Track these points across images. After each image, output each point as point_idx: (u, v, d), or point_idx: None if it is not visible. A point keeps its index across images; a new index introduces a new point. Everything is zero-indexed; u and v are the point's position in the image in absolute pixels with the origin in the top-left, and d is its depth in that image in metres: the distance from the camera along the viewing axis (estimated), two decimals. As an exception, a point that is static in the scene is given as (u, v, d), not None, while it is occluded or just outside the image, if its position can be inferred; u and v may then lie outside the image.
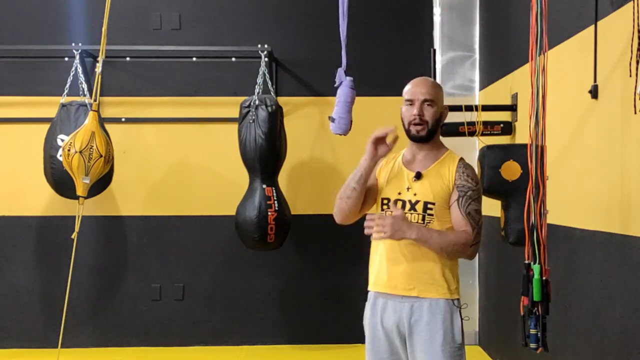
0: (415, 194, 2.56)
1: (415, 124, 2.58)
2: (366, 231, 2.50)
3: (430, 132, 2.61)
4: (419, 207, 2.55)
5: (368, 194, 2.67)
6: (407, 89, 2.64)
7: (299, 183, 5.69)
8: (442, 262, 2.55)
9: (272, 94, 5.37)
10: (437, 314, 2.52)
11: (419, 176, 2.58)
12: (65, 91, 5.27)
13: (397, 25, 5.70)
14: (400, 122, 2.66)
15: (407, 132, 2.63)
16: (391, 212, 2.55)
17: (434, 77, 4.85)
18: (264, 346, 5.62)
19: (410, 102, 2.61)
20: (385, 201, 2.63)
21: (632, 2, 2.66)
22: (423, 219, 2.55)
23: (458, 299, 2.59)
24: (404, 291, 2.54)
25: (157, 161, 5.64)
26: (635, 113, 2.51)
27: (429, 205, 2.55)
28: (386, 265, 2.58)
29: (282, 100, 5.44)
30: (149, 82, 5.66)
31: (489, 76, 5.21)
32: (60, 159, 4.78)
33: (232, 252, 5.58)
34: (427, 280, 2.53)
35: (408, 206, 2.57)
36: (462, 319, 2.57)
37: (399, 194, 2.60)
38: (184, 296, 5.64)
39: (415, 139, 2.62)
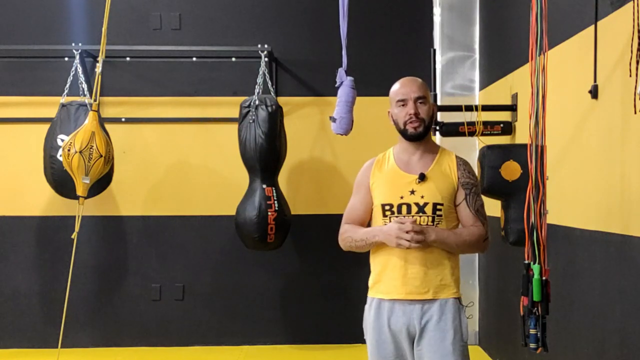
0: (422, 196, 2.55)
1: (411, 122, 2.58)
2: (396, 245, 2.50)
3: (426, 130, 2.62)
4: (429, 209, 2.55)
5: (367, 210, 2.70)
6: (396, 89, 2.64)
7: (299, 183, 5.69)
8: (451, 264, 2.58)
9: (272, 94, 5.37)
10: (446, 312, 2.55)
11: (422, 177, 2.58)
12: (65, 91, 5.27)
13: (397, 25, 5.70)
14: (390, 124, 2.68)
15: (403, 132, 2.62)
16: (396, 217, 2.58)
17: (434, 77, 4.84)
18: (264, 346, 5.62)
19: (403, 102, 2.61)
20: (388, 207, 2.60)
21: (632, 2, 2.66)
22: (433, 221, 2.55)
23: (461, 298, 2.62)
24: (418, 295, 2.55)
25: (157, 161, 5.64)
26: (635, 113, 2.51)
27: (438, 206, 2.55)
28: (399, 273, 2.57)
29: (282, 100, 5.44)
30: (149, 82, 5.66)
31: (489, 76, 5.21)
32: (60, 159, 4.78)
33: (232, 252, 5.58)
34: (439, 282, 2.56)
35: (415, 209, 2.56)
36: (466, 317, 2.61)
37: (402, 197, 2.58)
38: (184, 296, 5.64)
39: (412, 137, 2.61)
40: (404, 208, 2.56)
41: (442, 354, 2.52)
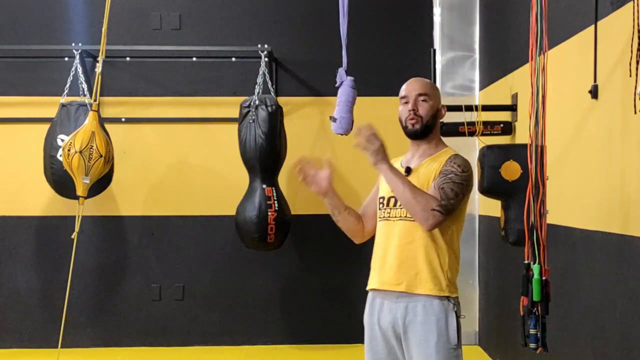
0: None
1: (410, 119, 2.60)
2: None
3: (426, 127, 2.61)
4: None
5: (372, 209, 2.72)
6: (402, 88, 2.68)
7: (299, 183, 5.64)
8: (430, 258, 2.52)
9: (272, 94, 5.37)
10: (431, 314, 2.50)
11: (408, 171, 2.60)
12: (65, 91, 5.27)
13: (397, 25, 5.70)
14: (392, 122, 2.70)
15: (405, 129, 2.64)
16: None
17: (434, 77, 4.85)
18: (264, 346, 5.62)
19: (405, 99, 2.64)
20: (381, 199, 2.66)
21: (632, 2, 2.66)
22: None
23: (454, 297, 2.55)
24: (392, 286, 2.54)
25: (157, 161, 5.64)
26: (635, 113, 2.51)
27: None
28: (379, 263, 2.60)
29: (282, 100, 5.44)
30: (149, 82, 5.66)
31: (489, 76, 5.21)
32: (60, 159, 4.78)
33: (232, 252, 5.58)
34: (414, 275, 2.51)
35: (398, 202, 2.57)
36: (458, 318, 2.53)
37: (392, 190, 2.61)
38: (184, 296, 5.64)
39: (411, 134, 2.62)
40: (392, 201, 2.60)
41: (425, 355, 2.48)
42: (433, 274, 2.51)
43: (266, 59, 5.37)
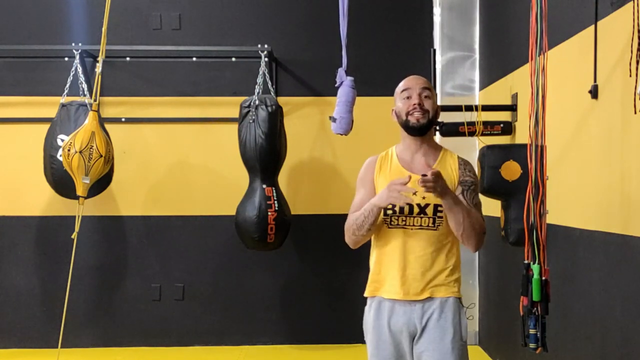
0: (424, 197, 2.52)
1: (415, 112, 2.55)
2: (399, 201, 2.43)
3: (430, 123, 2.59)
4: (429, 211, 2.54)
5: None
6: (402, 83, 2.65)
7: (299, 183, 5.69)
8: (450, 265, 2.58)
9: (272, 94, 5.37)
10: (447, 311, 2.55)
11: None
12: (65, 91, 5.27)
13: (397, 25, 5.70)
14: (391, 122, 2.68)
15: (406, 123, 2.58)
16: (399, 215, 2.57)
17: (434, 77, 4.85)
18: (264, 346, 5.62)
19: (408, 94, 2.59)
20: (390, 206, 2.54)
21: (632, 2, 2.66)
22: (434, 222, 2.54)
23: (461, 298, 2.63)
24: (415, 296, 2.55)
25: (157, 161, 5.64)
26: (635, 113, 2.51)
27: (439, 208, 2.53)
28: (398, 274, 2.56)
29: (282, 100, 5.44)
30: (149, 82, 5.66)
31: (489, 76, 5.21)
32: (60, 159, 4.78)
33: (232, 252, 5.58)
34: (436, 282, 2.56)
35: (417, 210, 2.53)
36: (466, 318, 2.62)
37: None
38: (184, 296, 5.64)
39: (415, 129, 2.57)
40: (406, 208, 2.54)
41: (442, 352, 2.51)
42: (452, 278, 2.59)
43: (266, 59, 5.37)
